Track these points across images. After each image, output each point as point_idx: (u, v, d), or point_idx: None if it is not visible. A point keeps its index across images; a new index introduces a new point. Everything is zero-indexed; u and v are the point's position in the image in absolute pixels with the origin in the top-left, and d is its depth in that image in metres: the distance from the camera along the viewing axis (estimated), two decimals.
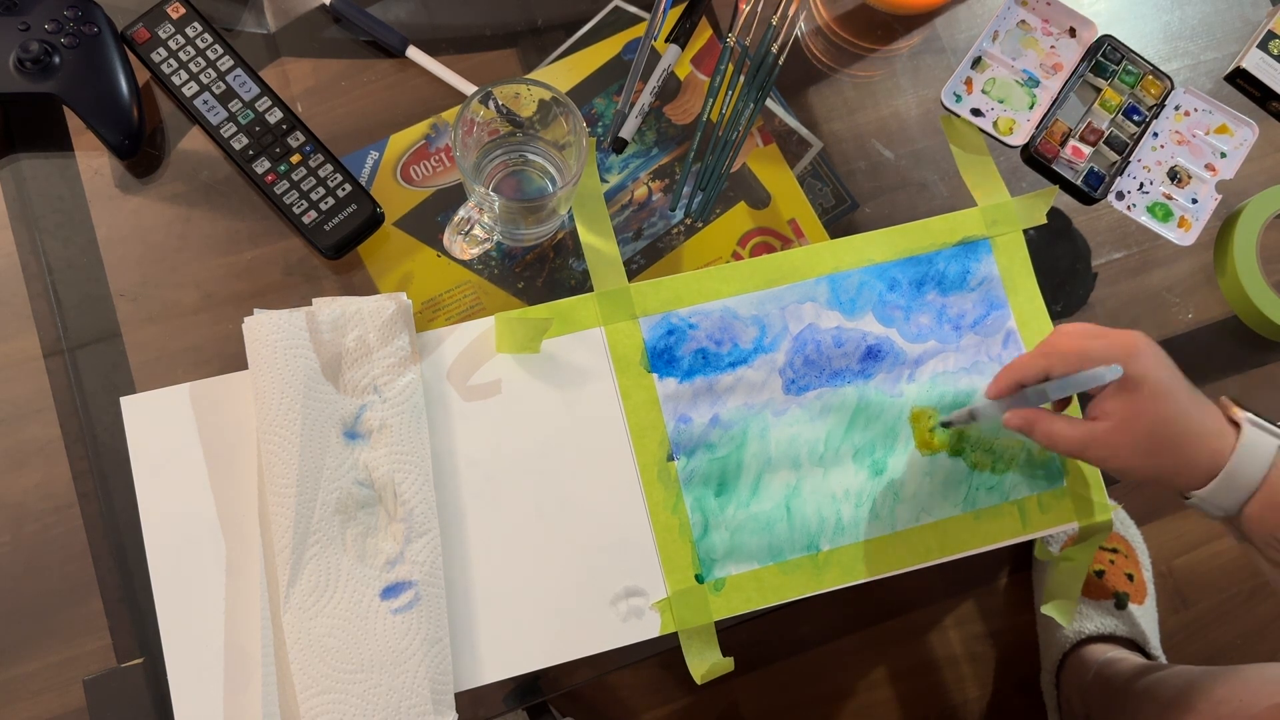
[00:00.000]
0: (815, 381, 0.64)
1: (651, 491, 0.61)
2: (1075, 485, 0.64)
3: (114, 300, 0.61)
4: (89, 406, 0.60)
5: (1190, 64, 0.72)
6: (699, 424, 0.62)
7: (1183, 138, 0.68)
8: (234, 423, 0.59)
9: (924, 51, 0.71)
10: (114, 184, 0.63)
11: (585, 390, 0.62)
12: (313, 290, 0.63)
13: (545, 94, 0.57)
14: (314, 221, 0.62)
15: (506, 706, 0.60)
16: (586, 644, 0.58)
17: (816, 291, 0.65)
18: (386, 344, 0.59)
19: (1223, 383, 0.68)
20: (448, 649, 0.56)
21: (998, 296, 0.66)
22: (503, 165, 0.63)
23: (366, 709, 0.54)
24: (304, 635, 0.55)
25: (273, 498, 0.56)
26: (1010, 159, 0.69)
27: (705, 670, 0.59)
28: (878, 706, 1.14)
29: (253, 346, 0.58)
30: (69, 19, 0.61)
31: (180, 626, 0.56)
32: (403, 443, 0.58)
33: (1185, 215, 0.67)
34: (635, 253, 0.66)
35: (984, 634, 1.15)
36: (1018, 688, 1.14)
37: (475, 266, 0.64)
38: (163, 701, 0.56)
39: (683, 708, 1.11)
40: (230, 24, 0.66)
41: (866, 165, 0.68)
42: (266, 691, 0.55)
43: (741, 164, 0.68)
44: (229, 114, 0.63)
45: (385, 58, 0.67)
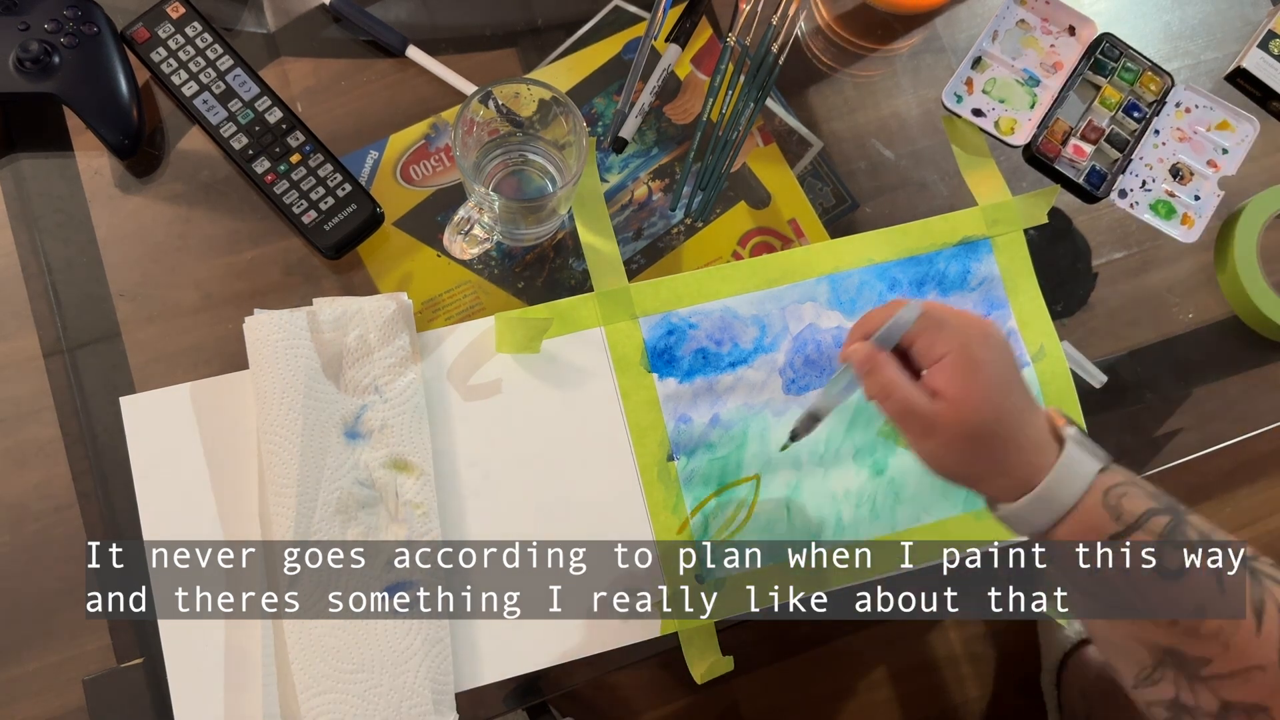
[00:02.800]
0: (815, 381, 0.64)
1: (651, 491, 0.61)
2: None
3: (114, 300, 0.61)
4: (89, 406, 0.60)
5: (1190, 63, 0.72)
6: (699, 424, 0.62)
7: (1184, 134, 0.68)
8: (234, 423, 0.59)
9: (924, 51, 0.71)
10: (114, 184, 0.63)
11: (585, 390, 0.62)
12: (313, 290, 0.63)
13: (545, 94, 0.57)
14: (314, 221, 0.62)
15: (506, 706, 0.60)
16: (586, 644, 0.58)
17: (817, 291, 0.65)
18: (387, 344, 0.59)
19: (1223, 383, 0.68)
20: (448, 649, 0.56)
21: (998, 296, 0.66)
22: (503, 165, 0.63)
23: (367, 709, 0.54)
24: (304, 635, 0.55)
25: (273, 498, 0.56)
26: (1012, 159, 0.69)
27: (705, 670, 0.59)
28: (878, 706, 1.14)
29: (254, 346, 0.58)
30: (69, 19, 0.61)
31: (180, 626, 0.56)
32: (403, 443, 0.58)
33: (1188, 212, 0.67)
34: (635, 253, 0.66)
35: (984, 634, 1.15)
36: (1018, 688, 1.14)
37: (475, 266, 0.64)
38: (163, 701, 0.56)
39: (683, 708, 1.11)
40: (230, 24, 0.66)
41: (867, 165, 0.68)
42: (266, 691, 0.55)
43: (741, 164, 0.68)
44: (229, 114, 0.63)
45: (385, 57, 0.67)
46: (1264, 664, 0.44)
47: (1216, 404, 0.68)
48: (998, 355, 0.48)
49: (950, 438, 0.47)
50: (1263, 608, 0.45)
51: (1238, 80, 0.72)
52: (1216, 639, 0.45)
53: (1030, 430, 0.48)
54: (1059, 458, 0.47)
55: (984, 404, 0.47)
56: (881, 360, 0.49)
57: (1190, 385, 0.68)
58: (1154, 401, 0.67)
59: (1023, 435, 0.47)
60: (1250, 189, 0.69)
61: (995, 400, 0.47)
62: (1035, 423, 0.48)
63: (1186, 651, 0.45)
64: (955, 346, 0.47)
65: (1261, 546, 1.35)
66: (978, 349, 0.47)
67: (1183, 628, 0.45)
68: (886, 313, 0.50)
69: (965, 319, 0.49)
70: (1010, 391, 0.48)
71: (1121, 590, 0.46)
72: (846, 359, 0.51)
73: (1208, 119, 0.68)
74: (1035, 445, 0.47)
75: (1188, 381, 0.68)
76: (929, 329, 0.49)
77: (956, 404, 0.47)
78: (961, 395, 0.47)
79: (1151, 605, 0.46)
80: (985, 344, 0.48)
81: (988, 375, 0.47)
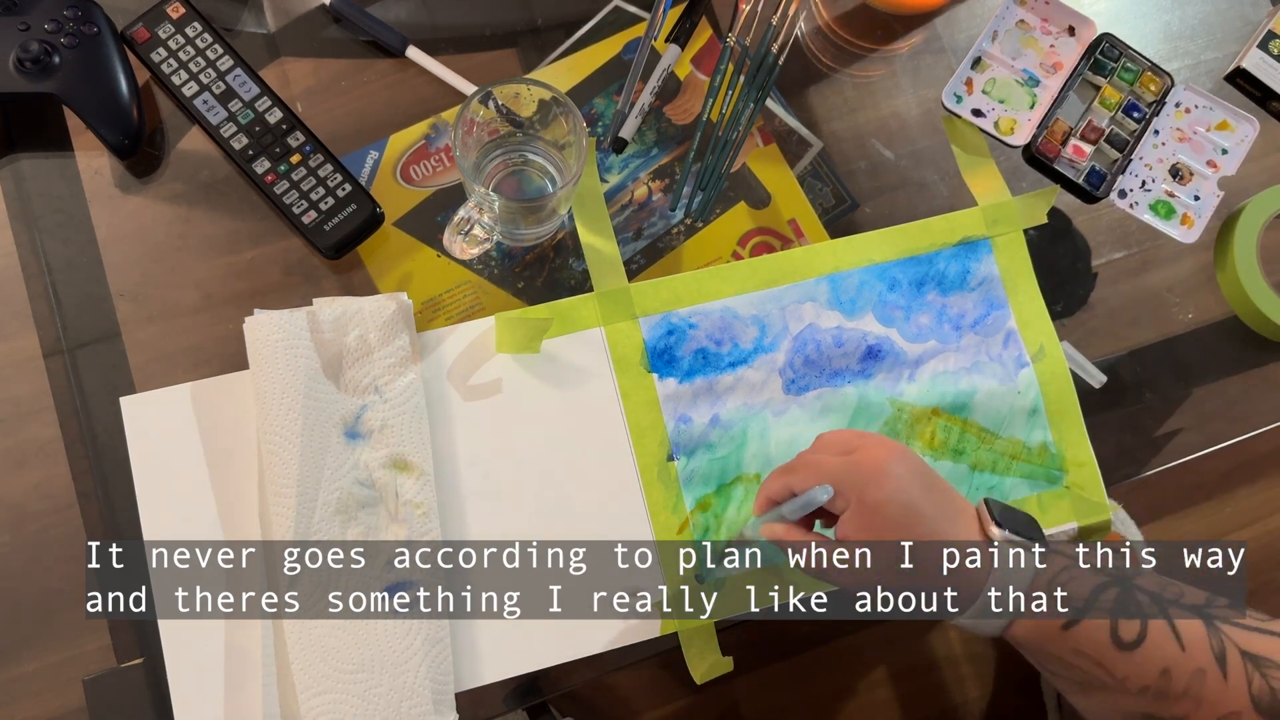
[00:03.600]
0: (815, 381, 0.64)
1: (651, 491, 0.61)
2: (1075, 485, 0.64)
3: (114, 300, 0.61)
4: (89, 406, 0.60)
5: (1190, 64, 0.72)
6: (699, 424, 0.62)
7: (1184, 135, 0.68)
8: (234, 423, 0.59)
9: (924, 51, 0.71)
10: (114, 184, 0.63)
11: (585, 390, 0.62)
12: (313, 290, 0.63)
13: (545, 94, 0.57)
14: (314, 221, 0.62)
15: (506, 706, 0.60)
16: (586, 644, 0.58)
17: (816, 291, 0.65)
18: (387, 344, 0.59)
19: (1223, 383, 0.68)
20: (448, 649, 0.56)
21: (998, 296, 0.66)
22: (503, 165, 0.63)
23: (367, 709, 0.54)
24: (304, 635, 0.55)
25: (273, 498, 0.56)
26: (1012, 159, 0.69)
27: (705, 670, 0.59)
28: (878, 706, 1.14)
29: (254, 346, 0.58)
30: (69, 19, 0.61)
31: (180, 626, 0.56)
32: (404, 443, 0.58)
33: (1188, 212, 0.67)
34: (635, 253, 0.66)
35: None
36: (1018, 688, 1.14)
37: (475, 266, 0.64)
38: (163, 701, 0.56)
39: (683, 708, 1.11)
40: (230, 24, 0.66)
41: (866, 165, 0.68)
42: (266, 691, 0.55)
43: (741, 164, 0.68)
44: (229, 114, 0.63)
45: (385, 58, 0.67)
46: (1239, 709, 0.45)
47: (1216, 404, 0.68)
48: (895, 487, 0.48)
49: (872, 579, 0.49)
50: (1224, 655, 0.46)
51: (1237, 80, 0.72)
52: (1187, 697, 0.46)
53: (955, 540, 0.48)
54: (991, 570, 0.48)
55: (891, 541, 0.48)
56: (782, 532, 0.51)
57: (1190, 385, 0.68)
58: (1154, 401, 0.67)
59: (946, 551, 0.48)
60: (1250, 189, 0.69)
61: (902, 535, 0.48)
62: (960, 532, 0.49)
63: (1163, 715, 0.47)
64: (853, 499, 0.49)
65: (1261, 546, 1.35)
66: (873, 492, 0.48)
67: (1153, 691, 0.46)
68: (789, 481, 0.51)
69: (863, 459, 0.50)
70: (916, 521, 0.48)
71: (1086, 669, 0.48)
72: (763, 536, 0.53)
73: (1207, 119, 0.68)
74: (965, 555, 0.48)
75: (1187, 381, 0.68)
76: (836, 487, 0.50)
77: (868, 549, 0.48)
78: (868, 538, 0.48)
79: (1118, 677, 0.47)
80: (880, 482, 0.48)
81: (884, 516, 0.48)
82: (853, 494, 0.49)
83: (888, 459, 0.49)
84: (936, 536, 0.48)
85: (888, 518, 0.48)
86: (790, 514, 0.50)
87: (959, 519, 0.50)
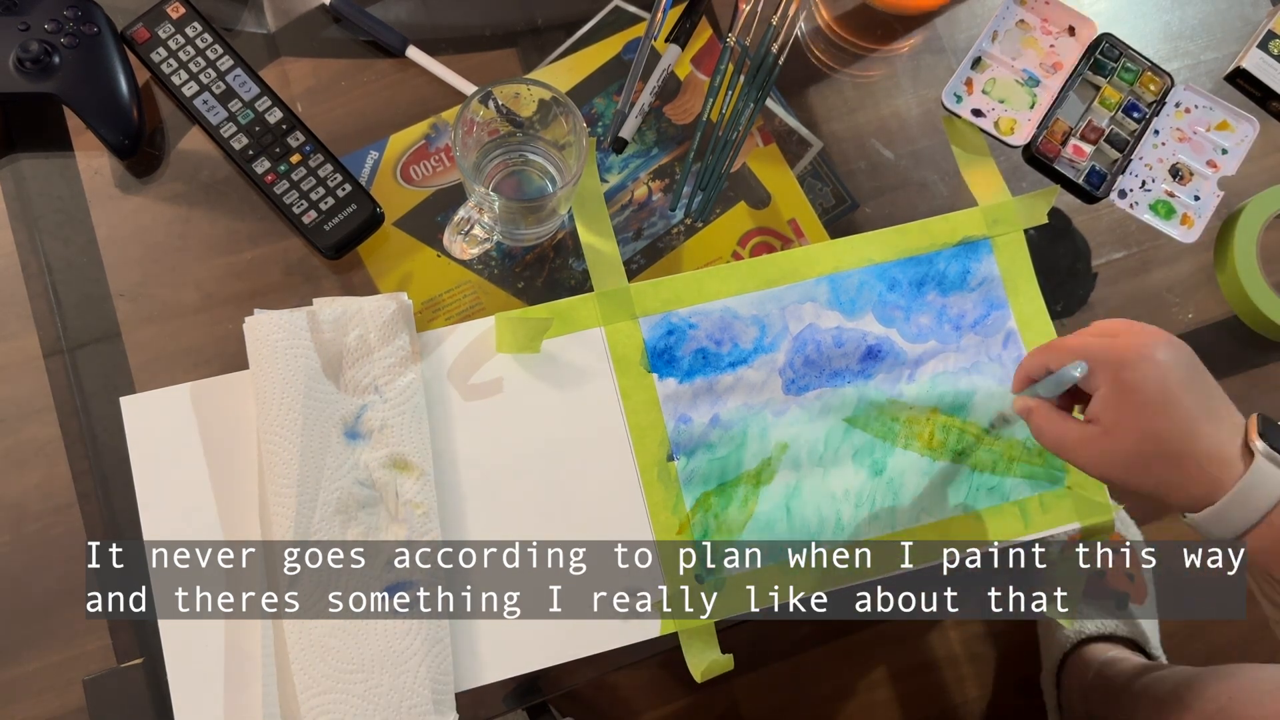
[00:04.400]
0: (815, 381, 0.64)
1: (651, 491, 0.61)
2: (1077, 486, 0.64)
3: (114, 300, 0.61)
4: (89, 406, 0.60)
5: (1190, 64, 0.72)
6: (699, 424, 0.62)
7: (1184, 135, 0.68)
8: (234, 423, 0.59)
9: (924, 51, 0.71)
10: (114, 184, 0.63)
11: (585, 390, 0.62)
12: (313, 290, 0.63)
13: (545, 94, 0.57)
14: (314, 221, 0.62)
15: (506, 706, 0.60)
16: (586, 644, 0.58)
17: (816, 291, 0.65)
18: (387, 343, 0.59)
19: (1222, 383, 0.68)
20: (448, 649, 0.56)
21: (998, 296, 0.66)
22: (503, 165, 0.63)
23: (367, 709, 0.54)
24: (304, 635, 0.55)
25: (273, 498, 0.56)
26: (1012, 159, 0.69)
27: (705, 669, 0.59)
28: (878, 706, 1.14)
29: (254, 346, 0.58)
30: (69, 19, 0.61)
31: (180, 626, 0.56)
32: (404, 443, 0.58)
33: (1188, 213, 0.67)
34: (635, 253, 0.66)
35: (984, 634, 1.15)
36: (1018, 688, 1.14)
37: (475, 266, 0.64)
38: (163, 701, 0.56)
39: (683, 708, 1.11)
40: (230, 24, 0.66)
41: (866, 165, 0.68)
42: (266, 691, 0.55)
43: (741, 164, 0.68)
44: (229, 114, 0.63)
45: (385, 58, 0.67)
46: None
47: None
48: (1156, 374, 0.48)
49: (1111, 464, 0.49)
50: None
51: (1237, 80, 0.72)
52: None
53: (1206, 444, 0.47)
54: (1245, 473, 0.46)
55: (1140, 428, 0.47)
56: (1032, 405, 0.52)
57: None
58: None
59: (1202, 451, 0.47)
60: (1250, 189, 0.69)
61: (1153, 424, 0.47)
62: (1214, 435, 0.48)
63: None
64: (1108, 377, 0.48)
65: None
66: (1129, 374, 0.48)
67: None
68: (1047, 359, 0.52)
69: (1124, 343, 0.49)
70: (1172, 411, 0.47)
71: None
72: (1015, 410, 0.54)
73: (1207, 119, 0.68)
74: (1215, 460, 0.47)
75: None
76: (1093, 365, 0.50)
77: (1112, 432, 0.48)
78: (1115, 422, 0.48)
79: None
80: (1139, 366, 0.48)
81: (1139, 400, 0.48)
82: (1108, 374, 0.48)
83: (1152, 342, 0.49)
84: (1190, 430, 0.47)
85: (1141, 403, 0.47)
86: (1045, 391, 0.51)
87: (1220, 419, 0.48)
